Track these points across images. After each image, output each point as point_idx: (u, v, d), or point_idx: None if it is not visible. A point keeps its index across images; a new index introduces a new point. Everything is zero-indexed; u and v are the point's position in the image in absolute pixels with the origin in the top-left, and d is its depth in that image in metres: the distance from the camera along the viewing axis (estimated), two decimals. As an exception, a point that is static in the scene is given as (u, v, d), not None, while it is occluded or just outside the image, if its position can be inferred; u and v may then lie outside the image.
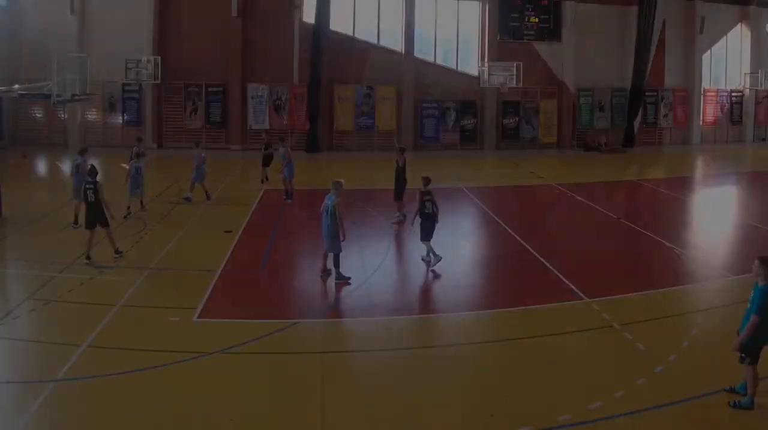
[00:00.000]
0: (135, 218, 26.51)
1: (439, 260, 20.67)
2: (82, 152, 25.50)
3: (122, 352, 14.28)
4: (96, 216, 20.29)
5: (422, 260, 21.44)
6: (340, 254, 19.36)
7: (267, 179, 34.43)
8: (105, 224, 20.44)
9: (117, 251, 20.67)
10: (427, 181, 21.70)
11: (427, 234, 21.24)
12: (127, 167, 27.71)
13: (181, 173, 34.43)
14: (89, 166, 21.55)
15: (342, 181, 19.59)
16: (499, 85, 48.74)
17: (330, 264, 19.52)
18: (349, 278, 19.18)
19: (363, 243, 23.60)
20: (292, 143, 45.23)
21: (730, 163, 46.08)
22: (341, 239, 19.20)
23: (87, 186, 20.42)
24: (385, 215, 27.61)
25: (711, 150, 52.42)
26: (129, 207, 27.06)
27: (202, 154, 30.16)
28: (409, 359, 14.50)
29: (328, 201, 19.14)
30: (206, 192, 30.04)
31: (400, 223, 26.19)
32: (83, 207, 20.91)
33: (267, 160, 34.93)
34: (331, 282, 19.21)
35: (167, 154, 33.89)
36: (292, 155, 30.51)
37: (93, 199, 20.26)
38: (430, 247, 21.08)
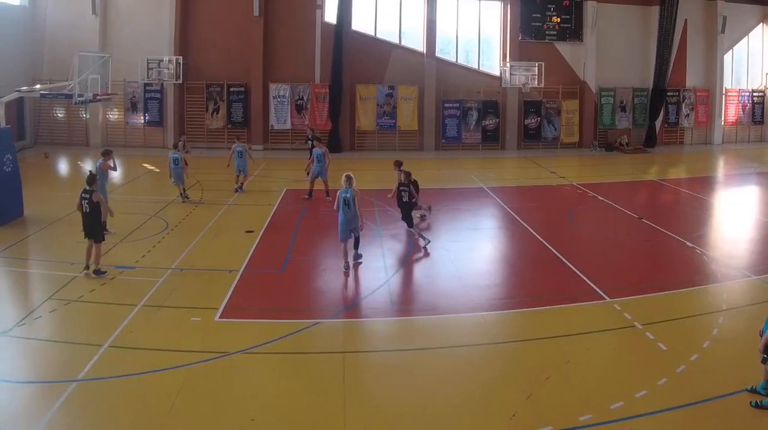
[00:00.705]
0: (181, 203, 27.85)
1: (428, 242, 22.61)
2: (106, 154, 24.99)
3: (143, 352, 14.38)
4: (89, 227, 19.39)
5: (423, 248, 22.60)
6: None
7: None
8: (98, 238, 19.41)
9: (97, 271, 19.16)
10: (406, 174, 23.44)
11: (408, 221, 22.94)
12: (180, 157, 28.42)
13: (203, 173, 34.66)
14: (89, 173, 20.26)
15: (352, 174, 20.65)
16: (521, 85, 48.68)
17: (350, 258, 20.67)
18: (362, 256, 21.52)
19: (384, 243, 23.69)
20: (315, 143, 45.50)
21: (752, 163, 45.80)
22: (360, 224, 20.78)
23: (83, 195, 19.36)
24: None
25: (732, 150, 52.11)
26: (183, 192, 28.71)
27: (242, 148, 31.30)
28: (431, 359, 14.48)
29: (346, 194, 20.23)
30: (240, 184, 30.89)
31: (424, 217, 26.68)
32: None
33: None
34: (353, 281, 19.47)
35: (189, 155, 33.97)
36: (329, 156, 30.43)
37: (87, 211, 19.32)
38: (418, 231, 22.71)
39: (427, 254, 22.54)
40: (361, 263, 21.39)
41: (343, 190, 20.47)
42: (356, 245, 21.55)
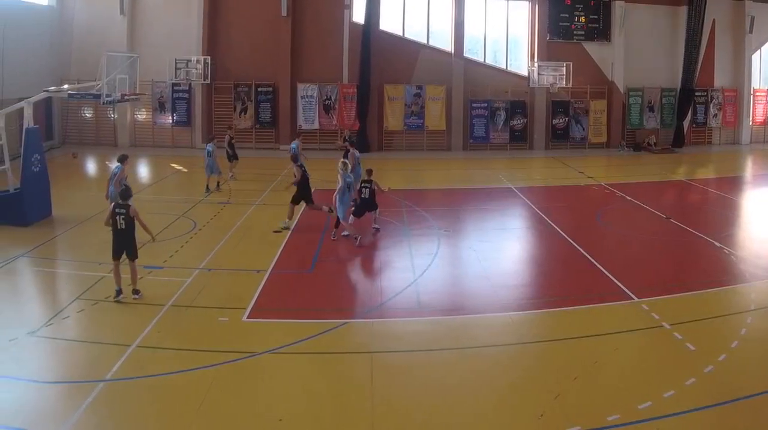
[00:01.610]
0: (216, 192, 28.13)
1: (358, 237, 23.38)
2: (122, 160, 24.44)
3: (171, 352, 14.47)
4: (124, 245, 17.65)
5: (350, 237, 23.89)
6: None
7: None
8: (132, 255, 17.78)
9: (135, 292, 17.67)
10: (368, 172, 24.41)
11: (356, 213, 24.05)
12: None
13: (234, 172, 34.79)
14: (123, 187, 18.61)
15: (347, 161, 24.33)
16: (549, 85, 48.54)
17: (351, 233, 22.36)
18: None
19: (412, 243, 23.68)
20: (341, 143, 45.35)
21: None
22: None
23: (118, 211, 17.58)
24: (434, 215, 27.71)
25: (760, 150, 51.74)
26: (218, 184, 29.64)
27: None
28: (459, 359, 14.50)
29: (349, 179, 23.04)
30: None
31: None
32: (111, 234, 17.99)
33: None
34: (381, 281, 19.51)
35: (217, 154, 34.08)
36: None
37: (123, 227, 17.59)
38: (350, 225, 23.73)
39: (454, 258, 22.74)
40: (334, 239, 23.88)
41: (346, 176, 23.15)
42: (337, 225, 24.16)
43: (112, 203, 18.28)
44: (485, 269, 20.89)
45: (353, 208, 24.24)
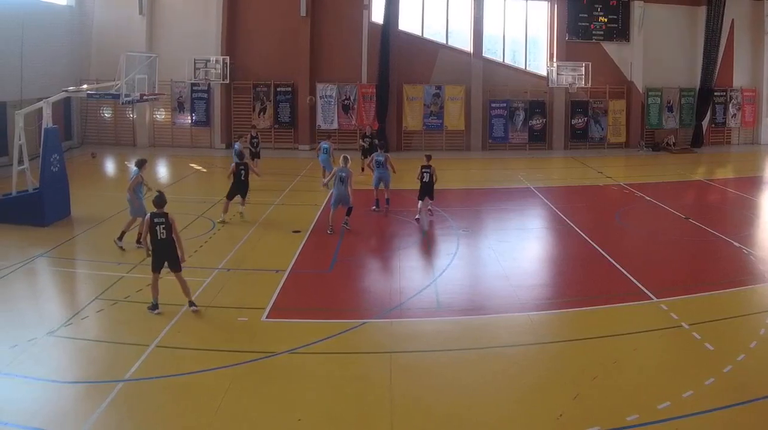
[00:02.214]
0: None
1: None
2: (139, 165, 23.42)
3: (190, 352, 14.51)
4: (165, 256, 16.71)
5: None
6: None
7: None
8: (176, 267, 16.88)
9: (191, 304, 16.90)
10: (428, 157, 27.08)
11: (420, 196, 26.51)
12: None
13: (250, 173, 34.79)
14: (157, 194, 17.30)
15: (349, 156, 25.41)
16: (568, 85, 48.48)
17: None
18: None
19: (431, 243, 23.77)
20: (360, 143, 45.44)
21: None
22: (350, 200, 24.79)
23: (157, 220, 16.61)
24: (454, 214, 27.78)
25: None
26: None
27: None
28: (478, 359, 14.50)
29: (343, 173, 23.94)
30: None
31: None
32: (147, 240, 17.05)
33: (368, 153, 34.22)
34: (400, 281, 19.44)
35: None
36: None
37: (164, 236, 16.66)
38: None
39: (473, 258, 22.79)
40: (348, 229, 24.84)
41: (340, 169, 24.00)
42: (348, 213, 25.14)
43: (148, 213, 17.18)
44: (504, 269, 20.85)
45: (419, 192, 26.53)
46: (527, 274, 20.75)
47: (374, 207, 28.27)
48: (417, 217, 26.19)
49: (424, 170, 26.27)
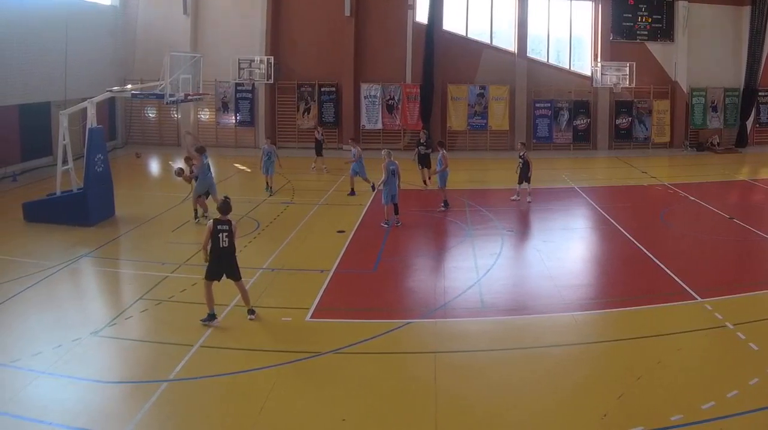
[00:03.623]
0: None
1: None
2: (200, 150, 25.51)
3: (234, 352, 14.64)
4: (225, 266, 16.14)
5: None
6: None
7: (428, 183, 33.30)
8: (236, 276, 16.34)
9: (251, 312, 16.52)
10: (522, 145, 29.45)
11: (519, 181, 28.55)
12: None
13: (294, 173, 35.29)
14: (223, 199, 16.73)
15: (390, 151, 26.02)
16: (612, 85, 48.26)
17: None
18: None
19: (475, 243, 23.68)
20: (405, 143, 45.54)
21: None
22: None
23: (220, 227, 15.89)
24: (498, 214, 27.75)
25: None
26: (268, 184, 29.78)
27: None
28: (522, 359, 14.55)
29: (393, 166, 24.37)
30: (371, 185, 30.37)
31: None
32: (208, 246, 16.18)
33: (425, 161, 33.73)
34: (445, 281, 19.46)
35: (280, 155, 34.28)
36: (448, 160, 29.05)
37: (226, 245, 15.99)
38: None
39: (517, 258, 23.00)
40: (399, 225, 25.40)
41: (389, 162, 24.39)
42: (396, 211, 25.62)
43: (211, 220, 16.37)
44: (549, 269, 20.86)
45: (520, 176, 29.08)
46: (571, 274, 20.76)
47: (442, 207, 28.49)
48: (513, 197, 28.92)
49: (520, 157, 28.79)
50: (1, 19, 33.22)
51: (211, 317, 16.11)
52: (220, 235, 15.91)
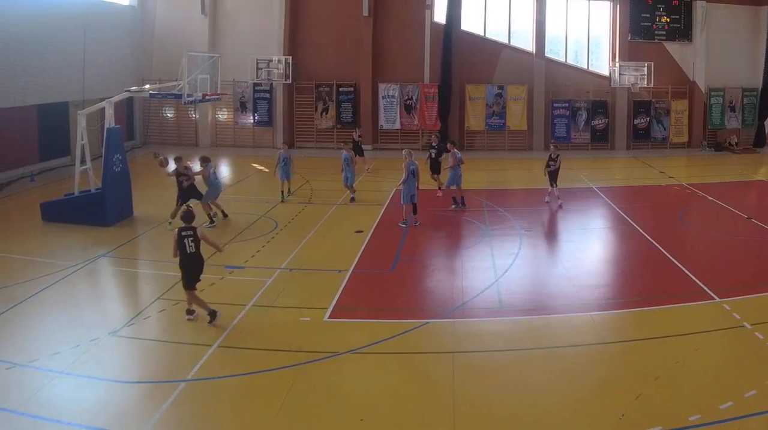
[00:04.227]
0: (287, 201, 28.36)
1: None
2: (204, 161, 25.94)
3: (252, 352, 14.67)
4: (196, 270, 16.38)
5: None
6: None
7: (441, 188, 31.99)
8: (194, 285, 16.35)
9: (188, 311, 16.53)
10: (555, 147, 28.91)
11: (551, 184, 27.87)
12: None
13: (312, 173, 35.28)
14: (186, 209, 17.54)
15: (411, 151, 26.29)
16: (630, 85, 48.20)
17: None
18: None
19: (493, 243, 23.68)
20: (423, 142, 45.42)
21: None
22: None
23: (185, 234, 16.25)
24: (516, 214, 27.75)
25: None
26: (283, 192, 29.37)
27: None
28: (540, 359, 14.56)
29: (413, 166, 24.47)
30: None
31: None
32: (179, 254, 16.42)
33: (436, 167, 32.05)
34: (463, 281, 19.45)
35: (298, 155, 34.30)
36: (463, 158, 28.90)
37: (193, 250, 16.30)
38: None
39: (535, 258, 22.94)
40: (418, 225, 25.40)
41: (410, 162, 24.52)
42: (415, 211, 25.66)
43: (176, 229, 16.69)
44: (567, 269, 20.91)
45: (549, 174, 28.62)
46: (589, 274, 20.77)
47: (453, 206, 28.45)
48: (546, 199, 28.52)
49: (551, 159, 28.46)
50: (21, 19, 33.40)
51: (212, 314, 16.21)
52: (186, 241, 16.23)
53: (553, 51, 50.34)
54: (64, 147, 37.46)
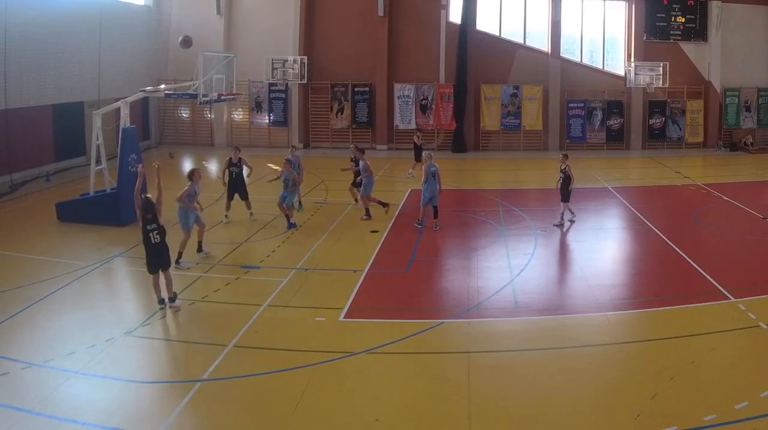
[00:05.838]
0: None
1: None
2: (190, 176, 23.87)
3: (268, 352, 14.68)
4: (162, 256, 17.21)
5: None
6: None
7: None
8: (167, 266, 17.37)
9: (170, 299, 17.26)
10: (565, 157, 26.84)
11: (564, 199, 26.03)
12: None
13: (327, 173, 35.18)
14: (144, 199, 17.90)
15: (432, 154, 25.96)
16: (646, 85, 48.11)
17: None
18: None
19: (508, 243, 23.70)
20: (439, 143, 45.66)
21: None
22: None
23: (149, 227, 17.10)
24: (531, 214, 27.84)
25: None
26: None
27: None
28: (555, 359, 14.55)
29: (433, 168, 24.25)
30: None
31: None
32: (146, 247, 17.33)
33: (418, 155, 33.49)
34: (478, 281, 19.52)
35: (314, 155, 34.24)
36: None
37: (158, 241, 17.10)
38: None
39: (551, 258, 22.99)
40: (437, 228, 25.06)
41: (430, 164, 24.28)
42: (436, 215, 25.29)
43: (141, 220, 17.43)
44: (582, 269, 20.92)
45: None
46: (605, 274, 20.71)
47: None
48: (558, 222, 26.23)
49: (562, 171, 26.33)
50: (36, 19, 33.51)
51: (161, 301, 17.03)
52: (150, 234, 16.98)
53: (569, 51, 50.25)
54: (79, 147, 37.58)
